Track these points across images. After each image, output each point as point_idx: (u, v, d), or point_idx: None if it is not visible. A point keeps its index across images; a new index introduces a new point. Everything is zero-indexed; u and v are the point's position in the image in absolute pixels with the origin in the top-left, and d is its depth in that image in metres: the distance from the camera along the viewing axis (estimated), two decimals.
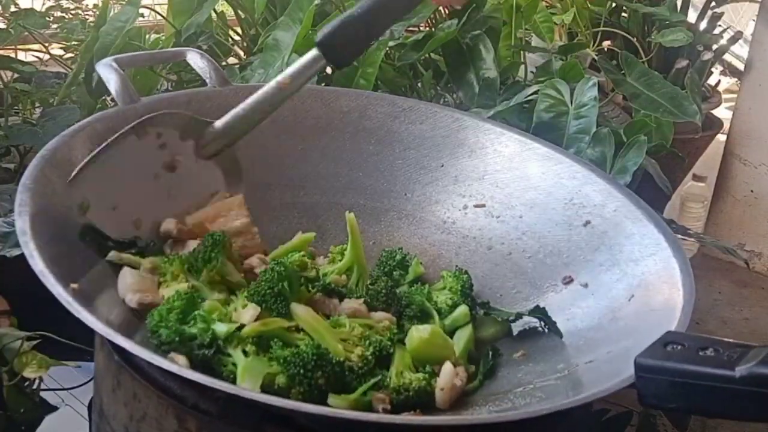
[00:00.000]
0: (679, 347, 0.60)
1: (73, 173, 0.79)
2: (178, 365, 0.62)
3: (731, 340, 0.60)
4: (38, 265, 0.66)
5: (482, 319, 0.86)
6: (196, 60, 1.02)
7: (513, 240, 0.94)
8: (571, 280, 0.87)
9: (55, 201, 0.77)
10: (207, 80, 1.00)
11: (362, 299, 0.81)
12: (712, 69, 1.95)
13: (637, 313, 0.78)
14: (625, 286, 0.82)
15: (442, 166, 1.02)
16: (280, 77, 0.83)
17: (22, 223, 0.70)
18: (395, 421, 0.63)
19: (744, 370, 0.56)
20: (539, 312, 0.83)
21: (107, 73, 0.93)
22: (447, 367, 0.75)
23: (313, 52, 0.81)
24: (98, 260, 0.78)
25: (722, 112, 2.00)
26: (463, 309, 0.84)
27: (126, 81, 0.92)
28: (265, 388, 0.68)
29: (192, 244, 0.82)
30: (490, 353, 0.80)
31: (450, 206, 0.99)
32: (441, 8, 1.64)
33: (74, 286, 0.68)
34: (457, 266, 0.91)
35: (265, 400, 0.61)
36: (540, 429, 0.66)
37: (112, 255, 0.79)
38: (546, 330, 0.82)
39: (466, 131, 1.03)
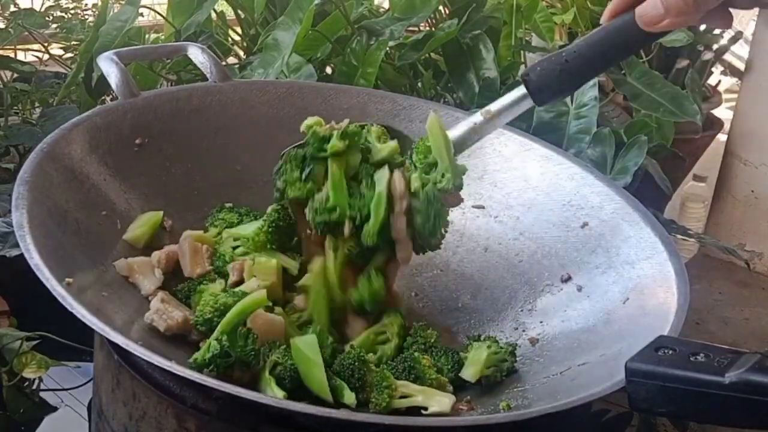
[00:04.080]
0: (671, 352, 0.60)
1: None
2: (176, 365, 0.62)
3: (723, 346, 0.60)
4: (34, 258, 0.67)
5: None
6: (197, 55, 1.02)
7: (510, 240, 0.94)
8: (570, 278, 0.87)
9: (53, 194, 0.77)
10: (208, 75, 1.01)
11: None
12: (713, 69, 1.94)
13: (631, 317, 0.78)
14: (620, 288, 0.82)
15: None
16: (488, 108, 0.80)
17: (19, 216, 0.71)
18: (394, 422, 0.63)
19: (734, 377, 0.56)
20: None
21: (108, 66, 0.93)
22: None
23: (521, 90, 0.78)
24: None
25: (722, 112, 1.99)
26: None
27: (127, 75, 0.93)
28: None
29: None
30: None
31: None
32: (441, 8, 1.64)
33: (69, 280, 0.68)
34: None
35: (264, 401, 0.61)
36: (536, 430, 0.66)
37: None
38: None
39: None
